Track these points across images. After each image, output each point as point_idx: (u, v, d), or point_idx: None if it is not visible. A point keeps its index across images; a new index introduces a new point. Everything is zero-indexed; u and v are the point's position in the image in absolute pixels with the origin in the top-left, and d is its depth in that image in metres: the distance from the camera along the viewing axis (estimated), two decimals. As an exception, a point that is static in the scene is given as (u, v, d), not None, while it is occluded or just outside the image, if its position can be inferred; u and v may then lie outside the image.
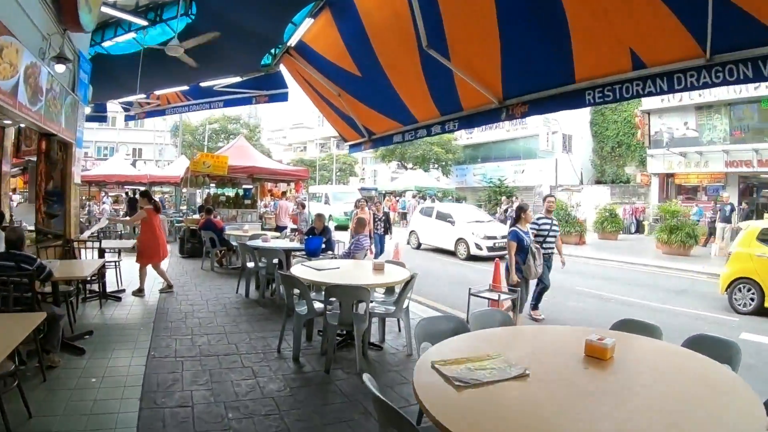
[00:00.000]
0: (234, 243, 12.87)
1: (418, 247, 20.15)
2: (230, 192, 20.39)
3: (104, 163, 28.98)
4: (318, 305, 6.01)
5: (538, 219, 8.87)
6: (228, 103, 13.55)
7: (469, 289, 7.39)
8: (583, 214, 25.03)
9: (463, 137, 44.41)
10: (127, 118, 16.65)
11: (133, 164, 39.81)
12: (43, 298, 6.25)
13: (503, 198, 32.49)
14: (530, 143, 39.09)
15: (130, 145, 57.82)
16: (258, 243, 9.97)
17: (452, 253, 18.05)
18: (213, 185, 19.74)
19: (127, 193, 29.81)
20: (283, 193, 20.12)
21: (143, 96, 13.77)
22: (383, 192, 39.66)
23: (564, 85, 5.73)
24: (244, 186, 19.90)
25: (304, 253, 9.38)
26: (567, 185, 34.68)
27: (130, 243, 9.71)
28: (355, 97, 9.40)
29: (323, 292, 5.70)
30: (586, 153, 38.86)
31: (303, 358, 6.15)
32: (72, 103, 8.69)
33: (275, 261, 8.83)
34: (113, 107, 16.38)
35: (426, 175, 40.08)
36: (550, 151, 36.76)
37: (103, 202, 27.62)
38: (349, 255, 8.80)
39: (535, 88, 6.15)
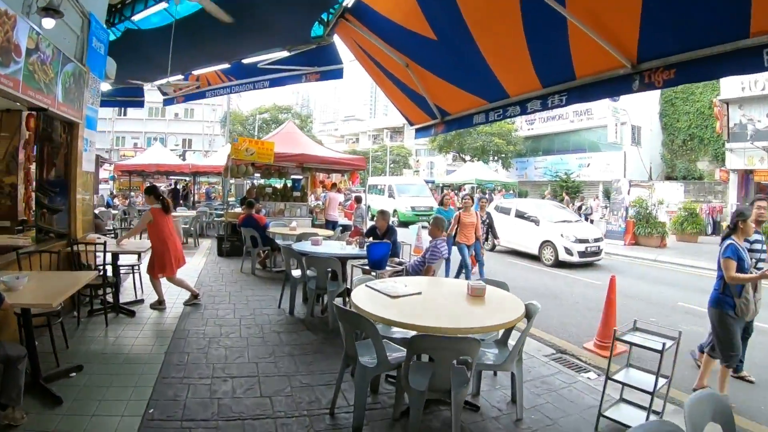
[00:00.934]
0: (279, 242, 11.12)
1: (493, 249, 17.13)
2: (277, 183, 18.64)
3: (144, 153, 27.68)
4: (395, 352, 4.12)
5: None
6: (274, 83, 11.79)
7: (615, 331, 4.91)
8: (665, 213, 22.56)
9: (524, 128, 42.17)
10: (166, 102, 15.11)
11: (183, 155, 39.20)
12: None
13: (546, 193, 30.22)
14: (596, 135, 36.39)
15: (180, 136, 58.41)
16: (306, 246, 8.01)
17: (534, 258, 15.45)
18: (258, 175, 17.94)
19: (174, 184, 28.63)
20: (334, 185, 17.95)
21: (181, 77, 12.20)
22: (440, 185, 37.54)
23: (732, 40, 3.86)
24: (293, 176, 18.09)
25: (364, 261, 7.43)
26: (636, 181, 31.99)
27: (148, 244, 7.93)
28: (427, 68, 7.58)
29: (397, 333, 3.80)
30: (655, 146, 36.09)
31: (368, 427, 4.15)
32: (76, 73, 6.96)
33: (328, 271, 6.99)
34: (157, 96, 15.10)
35: (486, 167, 37.66)
36: (618, 143, 33.91)
37: (147, 193, 26.48)
38: (422, 265, 6.89)
39: (689, 45, 4.22)
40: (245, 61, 11.01)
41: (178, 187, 27.94)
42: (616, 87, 5.16)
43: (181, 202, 24.17)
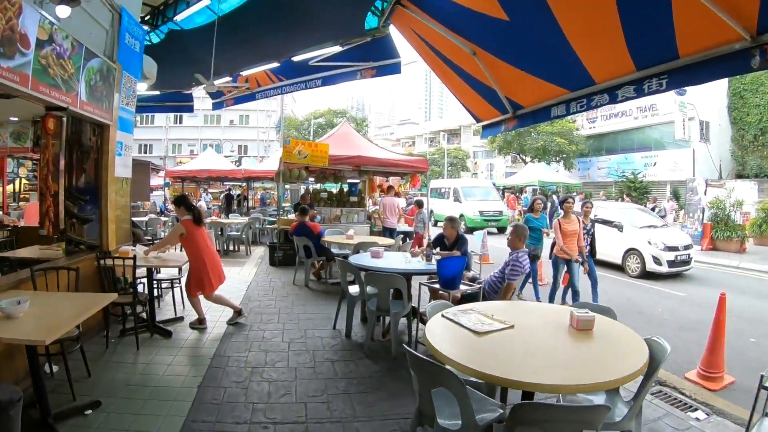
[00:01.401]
0: (335, 251, 10.26)
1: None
2: (333, 187, 17.76)
3: (195, 159, 27.28)
4: (483, 408, 3.14)
5: None
6: (327, 81, 10.99)
7: (761, 377, 3.67)
8: (745, 215, 20.75)
9: (585, 126, 40.30)
10: (215, 106, 14.51)
11: (239, 161, 39.10)
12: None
13: (601, 194, 28.50)
14: (662, 132, 34.50)
15: (235, 143, 59.30)
16: (365, 259, 7.05)
17: (617, 268, 13.54)
18: (312, 179, 17.13)
19: (228, 189, 28.23)
20: (390, 188, 16.59)
21: (229, 79, 11.59)
22: (501, 187, 36.09)
23: None
24: (350, 180, 16.95)
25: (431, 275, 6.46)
26: (708, 180, 30.04)
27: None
28: (498, 55, 6.65)
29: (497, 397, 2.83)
30: (723, 143, 33.60)
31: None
32: (103, 70, 6.28)
33: (391, 289, 5.99)
34: (209, 103, 14.68)
35: (549, 168, 36.26)
36: (687, 140, 31.95)
37: (200, 199, 26.15)
38: (500, 282, 5.89)
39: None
40: (295, 59, 10.28)
41: (232, 192, 27.51)
42: (729, 65, 4.20)
43: (234, 208, 23.74)
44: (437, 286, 5.80)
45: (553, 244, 8.97)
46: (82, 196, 6.71)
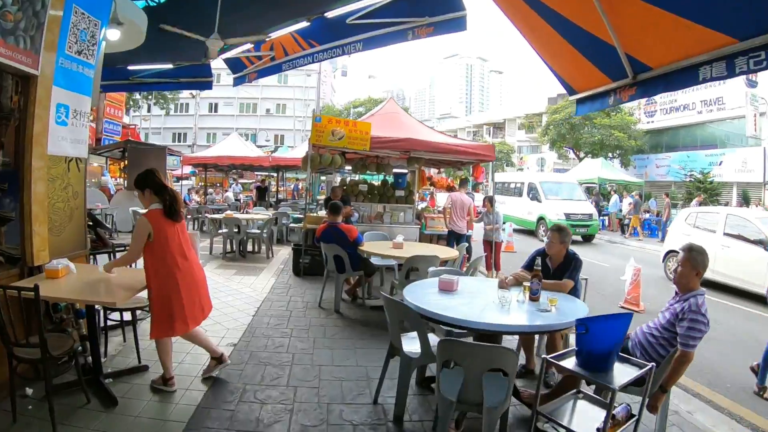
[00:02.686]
0: (377, 263, 7.84)
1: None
2: (374, 179, 15.19)
3: (216, 145, 24.88)
4: None
5: None
6: (369, 43, 8.48)
7: None
8: None
9: (642, 121, 37.39)
10: (236, 82, 12.14)
11: (274, 150, 37.78)
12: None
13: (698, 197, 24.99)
14: (729, 128, 31.76)
15: (272, 132, 59.20)
16: (426, 294, 4.38)
17: (757, 299, 9.53)
18: (350, 168, 14.51)
19: (262, 180, 25.94)
20: (464, 181, 13.11)
21: (250, 47, 9.52)
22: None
23: None
24: (396, 170, 13.62)
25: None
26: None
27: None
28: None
29: None
30: (790, 141, 30.49)
31: None
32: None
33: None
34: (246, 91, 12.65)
35: (610, 165, 32.72)
36: (758, 137, 28.90)
37: (228, 190, 24.06)
38: (663, 346, 3.41)
39: None
40: (329, 15, 8.02)
41: (265, 184, 24.98)
42: None
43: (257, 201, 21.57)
44: (572, 366, 3.13)
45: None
46: (0, 184, 4.39)
